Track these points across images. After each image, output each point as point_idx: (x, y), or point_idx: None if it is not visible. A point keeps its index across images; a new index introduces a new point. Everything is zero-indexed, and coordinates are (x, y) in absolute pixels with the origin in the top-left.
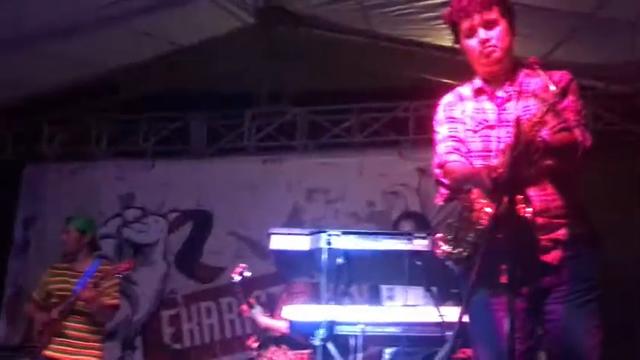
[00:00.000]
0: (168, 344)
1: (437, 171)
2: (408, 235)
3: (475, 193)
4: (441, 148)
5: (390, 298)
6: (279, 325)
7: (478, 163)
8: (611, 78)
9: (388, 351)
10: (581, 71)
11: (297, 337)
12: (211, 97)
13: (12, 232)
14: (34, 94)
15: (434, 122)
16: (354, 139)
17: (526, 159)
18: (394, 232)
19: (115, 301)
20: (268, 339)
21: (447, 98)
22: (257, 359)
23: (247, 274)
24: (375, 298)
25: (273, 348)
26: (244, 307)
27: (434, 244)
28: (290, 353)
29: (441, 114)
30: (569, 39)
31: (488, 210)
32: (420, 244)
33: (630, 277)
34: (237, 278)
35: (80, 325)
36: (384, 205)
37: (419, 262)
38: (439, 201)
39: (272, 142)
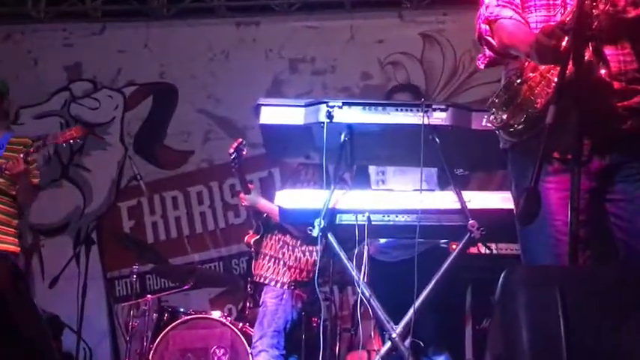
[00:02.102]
0: (129, 239)
1: (483, 27)
2: (426, 106)
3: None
4: None
5: (382, 182)
6: None
7: (541, 14)
8: None
9: (382, 241)
10: None
11: (290, 227)
12: None
13: None
14: None
15: None
16: None
17: None
18: (408, 103)
19: (37, 180)
20: (271, 227)
21: None
22: (257, 258)
23: (244, 150)
24: (362, 181)
25: (277, 238)
26: (242, 194)
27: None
28: (298, 250)
29: None
30: None
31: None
32: (440, 117)
33: None
34: (233, 155)
35: (1, 206)
36: (381, 78)
37: (437, 139)
38: (480, 65)
39: (247, 1)
